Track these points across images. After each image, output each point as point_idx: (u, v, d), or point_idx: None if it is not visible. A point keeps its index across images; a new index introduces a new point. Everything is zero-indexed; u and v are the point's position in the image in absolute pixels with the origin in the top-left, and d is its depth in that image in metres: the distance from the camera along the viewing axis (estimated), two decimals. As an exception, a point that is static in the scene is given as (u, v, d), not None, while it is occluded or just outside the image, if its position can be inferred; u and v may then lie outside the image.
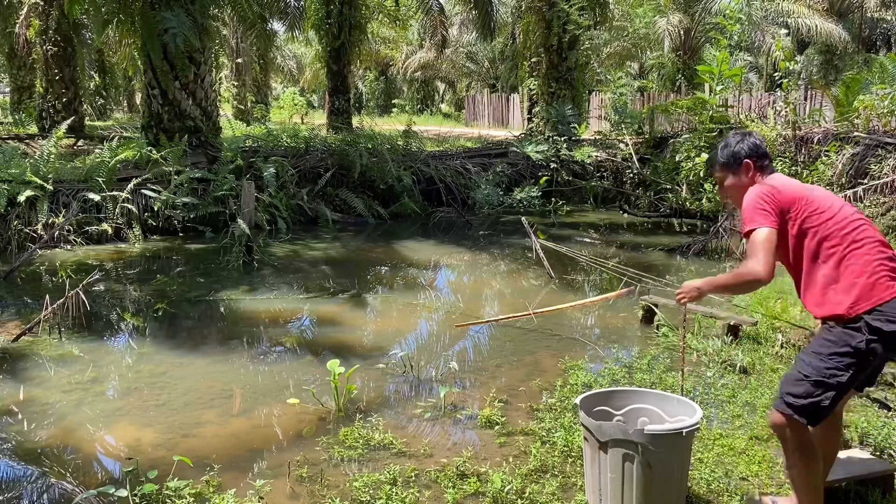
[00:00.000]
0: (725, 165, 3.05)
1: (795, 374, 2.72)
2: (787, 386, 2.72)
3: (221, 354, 5.50)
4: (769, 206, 2.78)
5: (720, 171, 3.09)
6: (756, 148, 3.01)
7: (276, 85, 43.23)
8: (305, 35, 22.85)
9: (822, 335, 2.74)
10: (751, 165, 2.98)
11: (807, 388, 2.66)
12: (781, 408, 2.71)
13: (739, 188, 3.00)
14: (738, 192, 3.02)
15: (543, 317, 6.20)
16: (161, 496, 3.29)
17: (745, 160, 2.99)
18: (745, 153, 3.00)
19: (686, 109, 12.95)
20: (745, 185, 2.97)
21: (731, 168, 3.03)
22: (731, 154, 3.02)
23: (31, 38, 17.99)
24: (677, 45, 23.41)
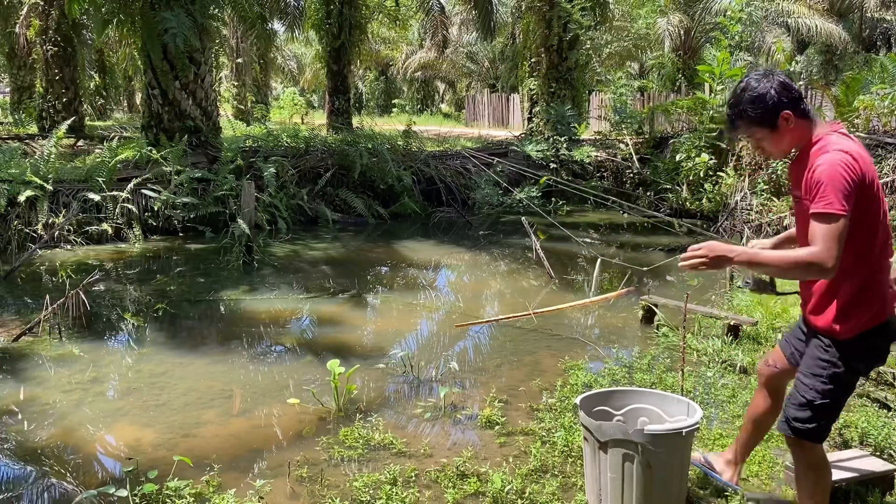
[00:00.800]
0: (758, 121, 2.48)
1: (798, 397, 2.60)
2: (792, 410, 2.62)
3: (221, 354, 5.50)
4: (852, 187, 2.32)
5: (752, 129, 2.52)
6: (789, 89, 2.46)
7: (276, 85, 43.22)
8: (305, 35, 22.88)
9: (819, 355, 2.59)
10: (790, 117, 2.45)
11: (810, 413, 2.57)
12: (787, 432, 2.65)
13: (780, 142, 2.52)
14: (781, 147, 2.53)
15: (543, 317, 6.20)
16: (161, 496, 3.29)
17: (783, 112, 2.45)
18: (779, 102, 2.44)
19: (686, 109, 12.95)
20: (788, 136, 2.50)
21: (766, 123, 2.47)
22: (763, 107, 2.45)
23: (31, 38, 18.01)
24: (677, 45, 23.41)
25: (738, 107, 2.50)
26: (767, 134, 2.50)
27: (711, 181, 11.48)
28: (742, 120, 2.51)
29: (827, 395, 2.55)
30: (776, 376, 2.93)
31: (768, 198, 10.32)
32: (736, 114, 2.52)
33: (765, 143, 2.54)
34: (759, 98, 2.46)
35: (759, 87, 2.47)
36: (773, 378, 2.95)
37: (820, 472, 2.70)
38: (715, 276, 7.94)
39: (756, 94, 2.46)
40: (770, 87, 2.45)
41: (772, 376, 2.96)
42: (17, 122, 19.47)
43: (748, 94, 2.48)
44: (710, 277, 7.91)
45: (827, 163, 2.35)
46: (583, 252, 9.26)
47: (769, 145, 2.54)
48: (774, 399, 2.97)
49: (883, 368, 4.55)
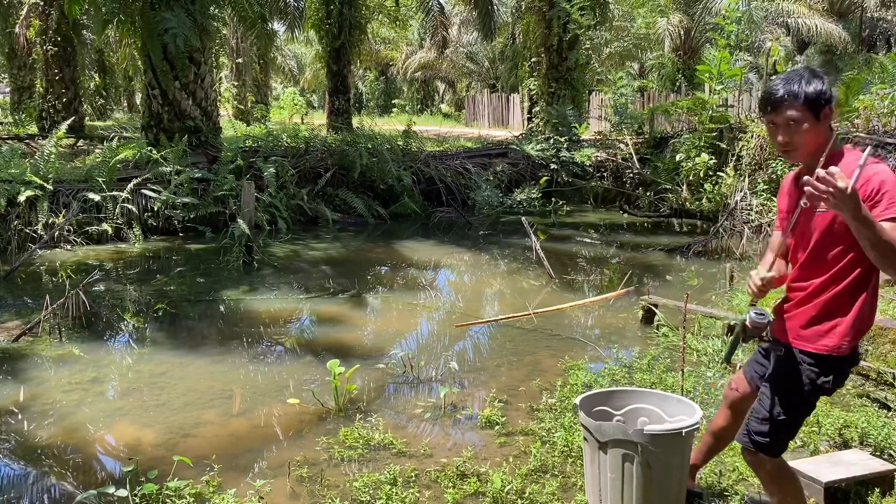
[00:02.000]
0: (809, 105, 2.41)
1: (762, 411, 2.59)
2: (754, 423, 2.61)
3: (221, 354, 5.50)
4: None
5: (799, 111, 2.42)
6: (833, 93, 2.49)
7: (276, 85, 43.22)
8: (305, 35, 22.88)
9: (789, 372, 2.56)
10: (829, 115, 2.45)
11: (771, 427, 2.55)
12: (747, 444, 2.63)
13: (815, 136, 2.45)
14: (811, 141, 2.46)
15: (543, 317, 6.20)
16: (161, 496, 3.29)
17: (828, 105, 2.44)
18: (829, 95, 2.44)
19: (686, 109, 12.95)
20: (820, 134, 2.44)
21: (815, 111, 2.42)
22: (821, 92, 2.41)
23: (31, 38, 18.02)
24: (677, 45, 23.43)
25: (795, 86, 2.43)
26: (810, 122, 2.43)
27: (711, 181, 11.48)
28: (795, 97, 2.43)
29: (790, 411, 2.54)
30: (738, 399, 2.99)
31: (768, 198, 10.32)
32: (792, 92, 2.43)
33: (800, 131, 2.45)
34: (816, 84, 2.43)
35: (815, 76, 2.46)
36: (736, 401, 3.01)
37: (783, 482, 2.69)
38: (715, 276, 7.95)
39: (815, 81, 2.44)
40: (824, 81, 2.45)
41: (735, 400, 3.02)
42: (17, 122, 19.48)
43: (807, 79, 2.44)
44: (710, 277, 7.92)
45: (882, 172, 2.34)
46: (583, 252, 9.27)
47: (802, 136, 2.45)
48: (735, 418, 3.01)
49: (883, 368, 4.55)
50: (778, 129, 2.48)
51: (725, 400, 3.07)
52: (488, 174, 13.18)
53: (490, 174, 13.20)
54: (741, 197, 10.52)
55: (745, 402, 2.92)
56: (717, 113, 12.03)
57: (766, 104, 2.48)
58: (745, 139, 11.45)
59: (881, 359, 4.74)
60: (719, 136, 11.79)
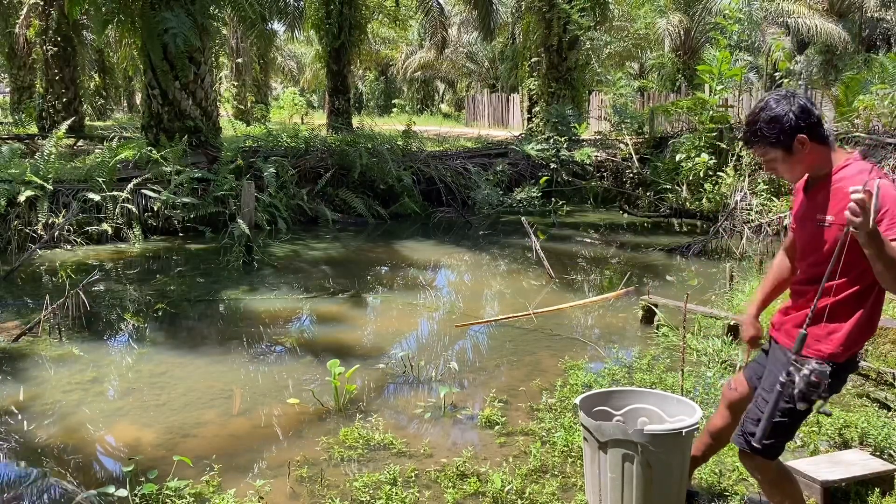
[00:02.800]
0: (773, 142, 2.43)
1: (757, 413, 2.57)
2: (749, 425, 2.59)
3: (221, 354, 5.50)
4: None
5: (766, 150, 2.46)
6: (807, 114, 2.40)
7: (276, 85, 43.22)
8: (305, 35, 22.88)
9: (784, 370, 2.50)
10: (805, 140, 2.40)
11: (769, 429, 2.51)
12: (743, 446, 2.61)
13: (794, 165, 2.47)
14: (794, 170, 2.49)
15: (543, 317, 6.20)
16: (161, 496, 3.29)
17: (799, 135, 2.39)
18: (796, 125, 2.38)
19: (686, 109, 12.96)
20: (802, 161, 2.45)
21: (781, 145, 2.42)
22: (780, 129, 2.40)
23: (31, 38, 18.01)
24: (677, 45, 23.43)
25: (754, 125, 2.46)
26: (782, 156, 2.45)
27: (711, 181, 11.48)
28: (758, 139, 2.47)
29: (787, 414, 2.52)
30: (737, 400, 2.99)
31: (768, 198, 10.33)
32: (752, 132, 2.47)
33: (778, 165, 2.49)
34: (775, 119, 2.40)
35: (777, 108, 2.41)
36: (735, 402, 3.01)
37: (782, 485, 2.69)
38: (715, 276, 7.94)
39: (773, 114, 2.41)
40: (789, 109, 2.39)
41: (733, 400, 3.01)
42: (17, 122, 19.48)
43: (765, 114, 2.43)
44: (710, 277, 7.92)
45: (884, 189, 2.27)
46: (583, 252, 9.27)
47: (783, 168, 2.50)
48: (734, 418, 3.00)
49: (883, 368, 4.56)
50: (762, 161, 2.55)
51: (724, 399, 3.07)
52: (488, 174, 13.18)
53: (490, 174, 13.20)
54: (741, 197, 10.52)
55: (744, 403, 2.91)
56: (717, 113, 12.03)
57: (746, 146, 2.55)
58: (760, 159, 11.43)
59: (881, 359, 4.74)
60: (719, 136, 11.79)
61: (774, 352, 2.68)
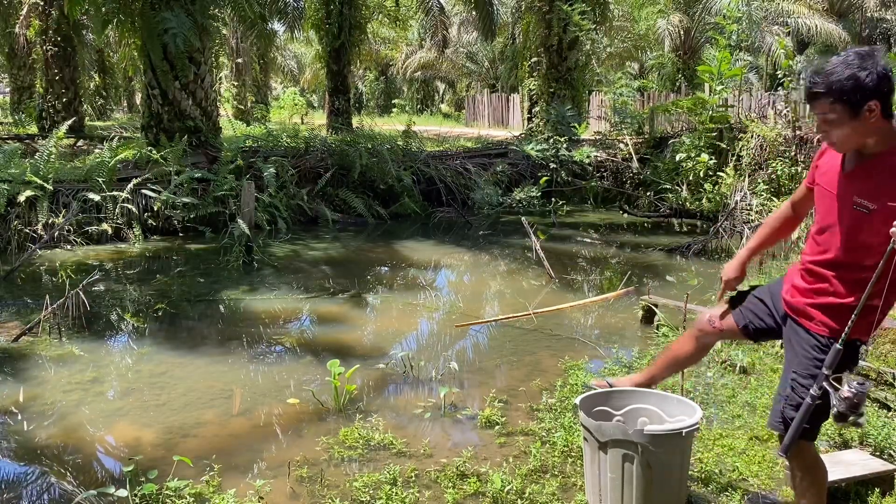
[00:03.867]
0: (842, 100, 2.17)
1: (795, 398, 2.55)
2: (788, 411, 2.57)
3: (221, 354, 5.50)
4: None
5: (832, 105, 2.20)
6: (886, 81, 2.15)
7: (276, 85, 43.24)
8: (305, 35, 22.88)
9: (817, 355, 2.53)
10: (876, 108, 2.17)
11: (806, 413, 2.53)
12: (783, 431, 2.59)
13: (854, 132, 2.23)
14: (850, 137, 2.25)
15: (543, 317, 6.20)
16: (161, 496, 3.29)
17: (872, 100, 2.16)
18: (873, 89, 2.14)
19: (686, 109, 12.95)
20: (863, 130, 2.21)
21: (851, 106, 2.17)
22: (857, 87, 2.15)
23: (31, 38, 18.02)
24: (677, 45, 23.43)
25: (829, 77, 2.19)
26: (845, 118, 2.20)
27: (711, 181, 11.48)
28: (826, 92, 2.21)
29: (824, 395, 2.52)
30: (714, 336, 2.96)
31: (768, 198, 10.32)
32: (823, 83, 2.21)
33: (835, 127, 2.24)
34: (854, 76, 2.16)
35: (858, 63, 2.18)
36: (711, 337, 2.99)
37: (815, 471, 2.70)
38: (715, 276, 7.94)
39: (853, 71, 2.17)
40: (872, 69, 2.16)
41: (711, 335, 2.98)
42: (17, 122, 19.48)
43: (845, 69, 2.18)
44: (710, 277, 7.91)
45: None
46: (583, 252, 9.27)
47: (838, 133, 2.25)
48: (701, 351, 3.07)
49: (883, 368, 4.55)
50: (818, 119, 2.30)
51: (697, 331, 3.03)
52: (488, 174, 13.18)
53: (490, 174, 13.19)
54: (741, 197, 10.52)
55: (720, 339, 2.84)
56: (717, 113, 12.03)
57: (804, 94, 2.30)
58: (745, 139, 11.45)
59: (881, 359, 4.74)
60: (719, 136, 11.79)
61: (797, 331, 2.62)
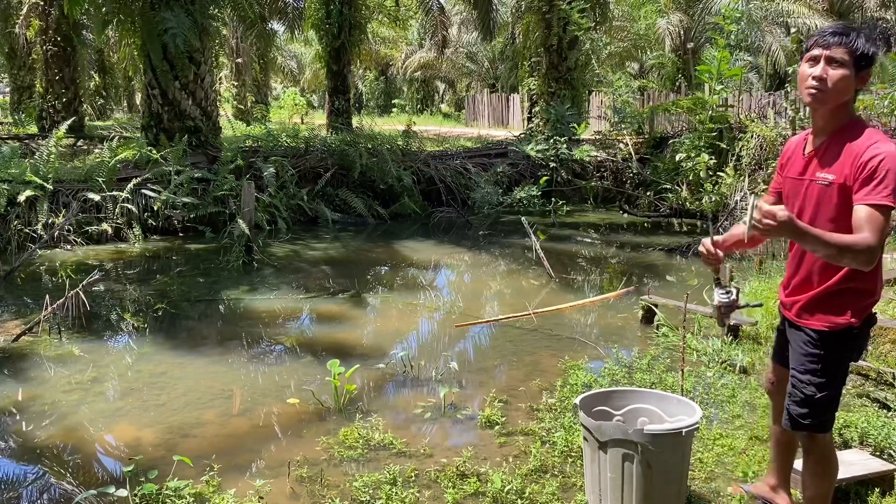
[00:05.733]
0: (860, 58, 2.39)
1: (797, 394, 2.61)
2: (795, 407, 2.63)
3: (221, 354, 5.50)
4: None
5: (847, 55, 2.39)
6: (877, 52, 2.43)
7: (276, 85, 43.23)
8: (305, 35, 22.87)
9: (810, 350, 2.58)
10: (866, 78, 2.46)
11: (813, 407, 2.59)
12: (787, 427, 2.68)
13: (845, 88, 2.42)
14: (840, 91, 2.43)
15: (543, 317, 6.20)
16: (161, 496, 3.29)
17: (870, 68, 2.43)
18: (875, 59, 2.41)
19: (686, 109, 12.95)
20: (849, 89, 2.43)
21: (862, 61, 2.40)
22: (873, 52, 2.39)
23: (31, 38, 18.02)
24: (677, 45, 23.41)
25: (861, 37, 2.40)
26: (850, 70, 2.39)
27: (711, 181, 11.48)
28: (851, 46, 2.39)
29: (825, 387, 2.57)
30: (778, 390, 2.94)
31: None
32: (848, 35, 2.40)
33: (838, 78, 2.40)
34: (874, 48, 2.40)
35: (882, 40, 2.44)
36: (773, 393, 2.99)
37: (828, 464, 2.72)
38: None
39: (877, 43, 2.41)
40: (881, 48, 2.42)
41: (772, 393, 3.00)
42: (17, 122, 19.47)
43: (874, 39, 2.41)
44: (710, 277, 7.90)
45: (891, 153, 2.30)
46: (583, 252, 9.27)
47: (839, 80, 2.40)
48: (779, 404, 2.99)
49: (884, 368, 4.55)
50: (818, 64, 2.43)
51: (770, 396, 3.05)
52: (488, 174, 13.19)
53: (490, 174, 13.20)
54: (741, 197, 10.52)
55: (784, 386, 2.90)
56: (717, 113, 12.03)
57: (824, 36, 2.44)
58: (745, 139, 11.45)
59: (881, 359, 4.74)
60: (719, 136, 11.79)
61: (792, 329, 2.69)
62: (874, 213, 2.26)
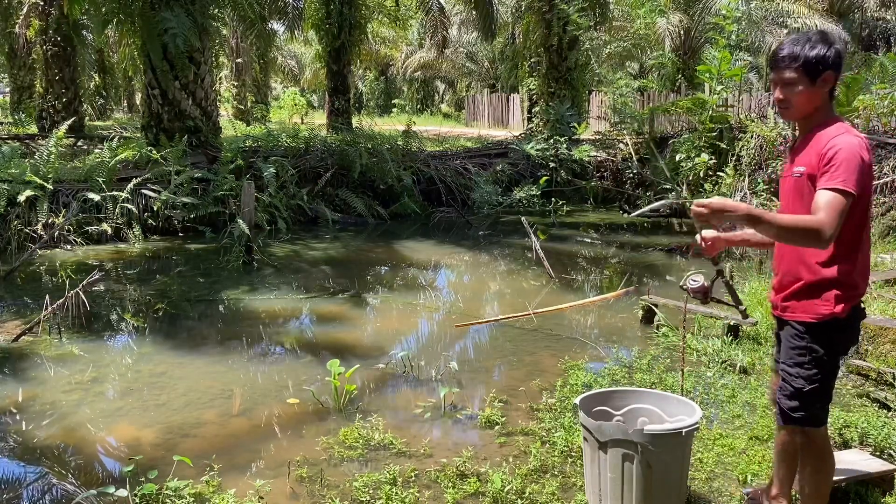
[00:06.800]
0: (806, 68, 2.52)
1: (787, 388, 2.65)
2: (784, 401, 2.68)
3: (221, 354, 5.50)
4: (864, 171, 2.44)
5: (795, 72, 2.54)
6: (840, 60, 2.54)
7: (275, 85, 43.21)
8: (305, 35, 22.87)
9: (797, 343, 2.62)
10: (830, 79, 2.53)
11: (802, 400, 2.62)
12: (788, 423, 2.69)
13: (808, 99, 2.56)
14: (804, 104, 2.58)
15: (543, 317, 6.20)
16: (161, 496, 3.29)
17: (828, 70, 2.52)
18: (831, 62, 2.51)
19: (686, 110, 12.95)
20: (814, 98, 2.56)
21: (811, 73, 2.52)
22: (820, 58, 2.50)
23: (31, 38, 18.01)
24: (677, 45, 23.40)
25: (795, 46, 2.55)
26: (805, 85, 2.54)
27: (711, 181, 11.47)
28: (793, 60, 2.55)
29: (813, 380, 2.60)
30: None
31: (768, 198, 10.31)
32: (790, 54, 2.55)
33: (794, 94, 2.56)
34: (817, 49, 2.52)
35: (820, 40, 2.55)
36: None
37: (823, 459, 2.72)
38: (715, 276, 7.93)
39: (815, 45, 2.54)
40: (830, 46, 2.53)
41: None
42: (17, 122, 19.47)
43: (809, 43, 2.54)
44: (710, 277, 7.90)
45: (848, 144, 2.45)
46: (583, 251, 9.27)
47: (798, 98, 2.57)
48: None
49: (883, 368, 4.55)
50: (777, 86, 2.62)
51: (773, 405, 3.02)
52: (488, 174, 13.18)
53: (490, 174, 13.19)
54: (741, 197, 10.51)
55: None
56: (717, 113, 12.02)
57: (770, 61, 2.63)
58: (745, 139, 11.44)
59: (881, 359, 4.74)
60: (719, 136, 11.78)
61: (782, 330, 2.74)
62: (828, 194, 2.40)
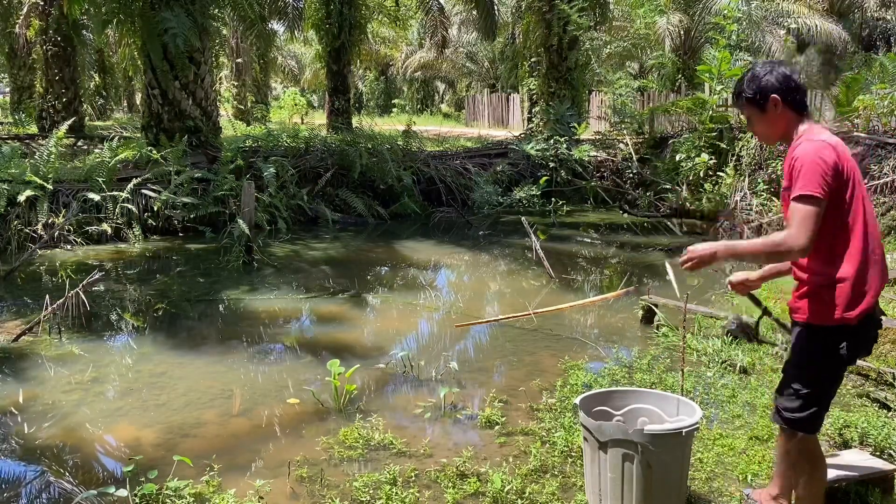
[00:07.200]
0: (751, 101, 2.70)
1: (787, 388, 2.67)
2: (782, 400, 2.69)
3: (221, 354, 5.50)
4: (828, 172, 2.49)
5: (745, 107, 2.75)
6: (786, 80, 2.65)
7: (276, 85, 43.23)
8: (305, 35, 22.87)
9: (802, 344, 2.64)
10: (778, 101, 2.64)
11: (800, 402, 2.63)
12: (780, 422, 2.71)
13: (768, 126, 2.72)
14: (767, 130, 2.75)
15: (543, 317, 6.20)
16: (161, 496, 3.29)
17: (772, 94, 2.64)
18: (772, 87, 2.64)
19: (686, 110, 12.95)
20: (774, 122, 2.70)
21: (757, 104, 2.69)
22: (758, 88, 2.66)
23: (31, 38, 18.01)
24: (677, 45, 23.40)
25: (740, 84, 2.76)
26: (757, 114, 2.72)
27: (711, 181, 11.48)
28: (739, 96, 2.76)
29: (812, 384, 2.60)
30: None
31: (768, 198, 10.32)
32: (736, 91, 2.78)
33: (755, 123, 2.77)
34: (754, 78, 2.69)
35: (759, 70, 2.71)
36: None
37: (814, 463, 2.72)
38: (715, 276, 7.94)
39: (754, 74, 2.71)
40: (769, 72, 2.68)
41: None
42: (17, 122, 19.47)
43: (749, 74, 2.74)
44: (711, 277, 7.91)
45: (803, 151, 2.54)
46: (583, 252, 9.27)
47: (758, 128, 2.78)
48: None
49: (883, 368, 4.55)
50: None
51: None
52: (488, 174, 13.18)
53: (490, 174, 13.19)
54: (741, 197, 10.52)
55: None
56: (717, 113, 12.02)
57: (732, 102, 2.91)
58: (745, 139, 11.45)
59: (881, 359, 4.74)
60: (719, 136, 11.79)
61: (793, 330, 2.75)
62: (793, 206, 2.49)
